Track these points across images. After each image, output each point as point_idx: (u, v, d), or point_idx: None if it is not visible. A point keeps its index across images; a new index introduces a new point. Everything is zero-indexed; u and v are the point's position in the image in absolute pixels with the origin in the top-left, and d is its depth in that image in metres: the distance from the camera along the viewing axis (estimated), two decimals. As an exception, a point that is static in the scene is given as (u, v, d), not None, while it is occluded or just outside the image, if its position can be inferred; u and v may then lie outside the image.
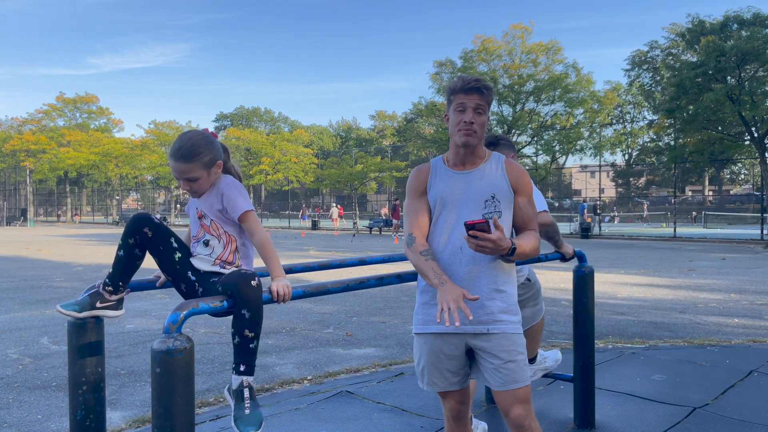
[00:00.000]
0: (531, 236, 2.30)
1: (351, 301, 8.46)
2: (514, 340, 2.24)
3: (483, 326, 2.23)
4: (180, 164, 2.21)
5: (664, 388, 4.21)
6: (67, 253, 17.34)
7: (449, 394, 2.36)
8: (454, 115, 2.28)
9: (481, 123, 2.26)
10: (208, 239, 2.27)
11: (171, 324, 1.82)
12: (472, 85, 2.24)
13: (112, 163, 52.28)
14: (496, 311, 2.23)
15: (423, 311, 2.33)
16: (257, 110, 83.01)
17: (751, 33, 22.97)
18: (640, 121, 53.15)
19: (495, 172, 2.32)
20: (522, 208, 2.33)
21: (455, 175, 2.33)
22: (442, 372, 2.31)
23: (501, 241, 2.08)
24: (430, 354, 2.31)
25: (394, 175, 37.80)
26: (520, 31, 31.34)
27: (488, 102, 2.28)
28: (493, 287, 2.25)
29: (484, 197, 2.28)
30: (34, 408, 4.02)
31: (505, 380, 2.22)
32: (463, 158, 2.33)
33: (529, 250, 2.25)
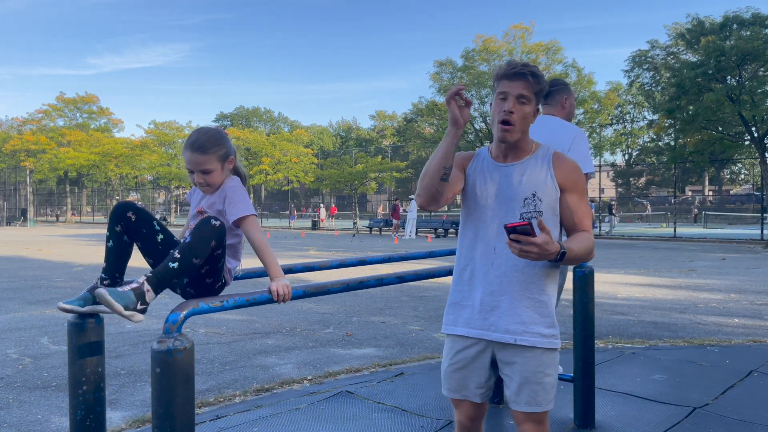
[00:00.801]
0: (584, 237, 2.05)
1: (351, 301, 8.46)
2: (543, 360, 2.02)
3: (510, 336, 2.02)
4: (197, 155, 2.24)
5: (664, 388, 4.21)
6: (67, 253, 17.34)
7: (465, 405, 2.16)
8: (495, 104, 2.06)
9: (523, 114, 2.02)
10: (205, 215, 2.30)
11: (171, 324, 1.82)
12: (517, 71, 2.00)
13: (112, 163, 52.29)
14: (528, 321, 2.01)
15: (453, 311, 2.16)
16: (257, 110, 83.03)
17: (751, 33, 22.97)
18: (640, 121, 53.18)
19: (540, 168, 2.08)
20: (572, 206, 2.07)
21: (495, 168, 2.12)
22: (465, 379, 2.13)
23: (548, 244, 1.83)
24: (455, 358, 2.14)
25: (394, 175, 37.82)
26: (521, 31, 31.39)
27: (535, 91, 2.02)
28: (526, 294, 2.02)
29: (523, 195, 2.05)
30: (34, 408, 4.02)
31: (526, 401, 2.03)
32: (505, 151, 2.12)
33: (582, 253, 2.00)
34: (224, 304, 2.02)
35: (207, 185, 2.29)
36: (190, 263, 2.03)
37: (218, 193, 2.31)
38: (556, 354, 2.07)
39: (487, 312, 2.06)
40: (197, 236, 2.04)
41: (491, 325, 2.05)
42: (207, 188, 2.31)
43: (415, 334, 6.29)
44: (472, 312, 2.09)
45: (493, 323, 2.05)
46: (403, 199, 35.47)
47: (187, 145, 2.27)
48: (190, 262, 2.03)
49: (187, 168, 2.28)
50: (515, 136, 2.05)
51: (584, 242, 2.03)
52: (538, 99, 2.06)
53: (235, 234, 2.34)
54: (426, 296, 8.89)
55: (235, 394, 4.27)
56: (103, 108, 62.38)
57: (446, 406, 3.86)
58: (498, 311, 2.04)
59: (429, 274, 2.89)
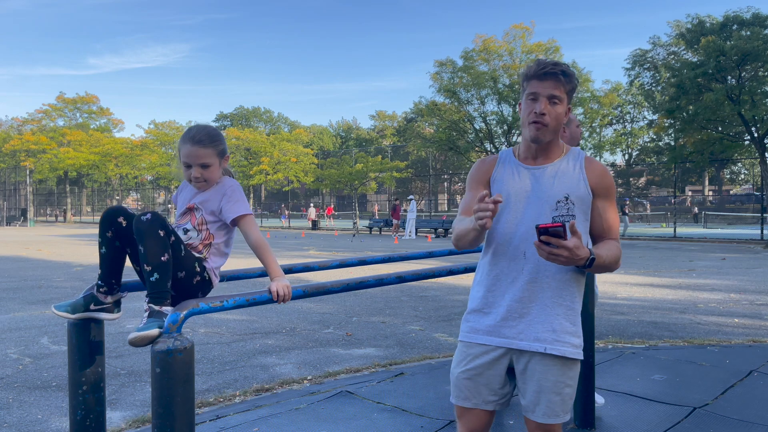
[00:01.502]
0: (612, 246, 1.99)
1: (351, 301, 8.46)
2: (565, 371, 1.95)
3: (540, 344, 1.94)
4: (197, 148, 2.24)
5: (664, 388, 4.21)
6: (67, 253, 17.34)
7: (472, 414, 2.05)
8: (525, 105, 1.99)
9: (555, 115, 1.95)
10: (188, 228, 2.28)
11: (171, 324, 1.83)
12: (548, 70, 1.94)
13: (112, 163, 52.31)
14: (559, 330, 1.94)
15: (473, 318, 2.07)
16: (257, 110, 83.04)
17: (751, 33, 22.98)
18: (640, 121, 53.23)
19: (572, 171, 2.01)
20: (602, 213, 2.02)
21: (525, 170, 2.04)
22: (480, 387, 2.03)
23: (578, 249, 1.77)
24: (469, 366, 2.05)
25: (394, 175, 37.81)
26: (521, 30, 31.37)
27: (567, 91, 1.97)
28: (558, 301, 1.95)
29: (556, 197, 1.97)
30: (34, 408, 4.02)
31: (543, 413, 1.96)
32: (535, 152, 2.04)
33: (610, 261, 1.94)
34: (224, 304, 2.02)
35: (204, 180, 2.28)
36: (163, 263, 2.00)
37: (214, 190, 2.30)
38: (578, 365, 2.02)
39: (515, 319, 1.98)
40: (144, 238, 1.99)
41: (519, 333, 1.97)
42: (203, 184, 2.30)
43: (415, 334, 6.29)
44: (496, 319, 2.01)
45: (522, 331, 1.96)
46: (403, 199, 35.47)
47: (186, 138, 2.26)
48: (162, 262, 2.00)
49: (185, 162, 2.27)
50: (548, 137, 1.99)
51: (612, 250, 1.97)
52: (570, 98, 2.01)
53: (224, 233, 2.32)
54: (426, 296, 8.89)
55: (235, 394, 4.27)
56: (103, 108, 62.42)
57: (446, 406, 3.86)
58: (527, 319, 1.96)
59: (429, 274, 2.89)
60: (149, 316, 1.95)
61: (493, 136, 33.93)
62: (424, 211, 42.63)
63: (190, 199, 2.34)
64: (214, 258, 2.31)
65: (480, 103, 32.93)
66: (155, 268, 1.99)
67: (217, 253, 2.32)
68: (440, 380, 4.45)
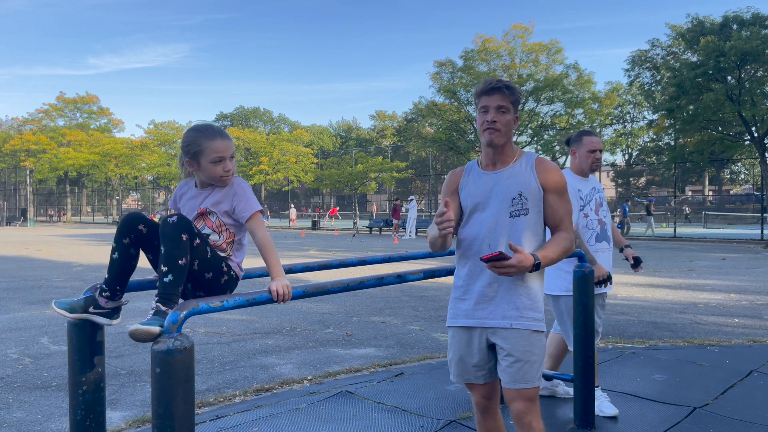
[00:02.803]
0: (559, 239, 2.33)
1: (351, 301, 8.46)
2: (531, 341, 2.27)
3: (507, 321, 2.28)
4: (228, 142, 2.27)
5: (664, 388, 4.21)
6: (67, 253, 17.34)
7: (475, 387, 2.41)
8: (479, 116, 2.35)
9: (504, 122, 2.31)
10: (207, 233, 2.27)
11: (171, 324, 1.82)
12: (492, 86, 2.31)
13: (112, 163, 52.31)
14: (521, 307, 2.28)
15: (454, 305, 2.41)
16: (257, 110, 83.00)
17: (750, 33, 22.97)
18: (640, 121, 53.20)
19: (524, 170, 2.35)
20: (552, 205, 2.35)
21: (486, 176, 2.39)
22: (467, 365, 2.38)
23: (522, 262, 2.13)
24: (456, 347, 2.40)
25: (394, 175, 37.80)
26: (521, 31, 31.36)
27: (512, 101, 2.32)
28: (519, 284, 2.28)
29: (511, 195, 2.31)
30: (34, 408, 4.02)
31: (515, 378, 2.26)
32: (493, 158, 2.39)
33: (558, 255, 2.29)
34: (224, 304, 2.02)
35: (229, 174, 2.27)
36: (180, 266, 2.01)
37: (224, 192, 2.28)
38: (542, 336, 2.32)
39: (486, 302, 2.32)
40: (166, 240, 2.01)
41: (489, 314, 2.31)
42: (228, 179, 2.28)
43: (415, 334, 6.29)
44: (470, 304, 2.35)
45: (491, 311, 2.30)
46: (403, 199, 35.47)
47: (215, 133, 2.26)
48: (178, 265, 2.01)
49: (218, 157, 2.22)
50: (501, 140, 2.33)
51: (560, 244, 2.31)
52: (515, 108, 2.35)
53: (242, 228, 2.32)
54: (426, 296, 8.89)
55: (235, 394, 4.27)
56: (103, 108, 62.40)
57: (446, 406, 3.87)
58: (495, 300, 2.30)
59: (429, 274, 2.89)
60: (154, 314, 1.95)
61: (493, 136, 33.87)
62: (425, 211, 42.62)
63: (200, 203, 2.31)
64: (236, 253, 2.33)
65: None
66: (171, 270, 2.00)
67: (239, 247, 2.34)
68: (440, 380, 4.45)
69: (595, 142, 3.75)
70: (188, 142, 2.26)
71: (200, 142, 2.24)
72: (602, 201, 3.77)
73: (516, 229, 2.30)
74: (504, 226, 2.31)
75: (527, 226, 2.31)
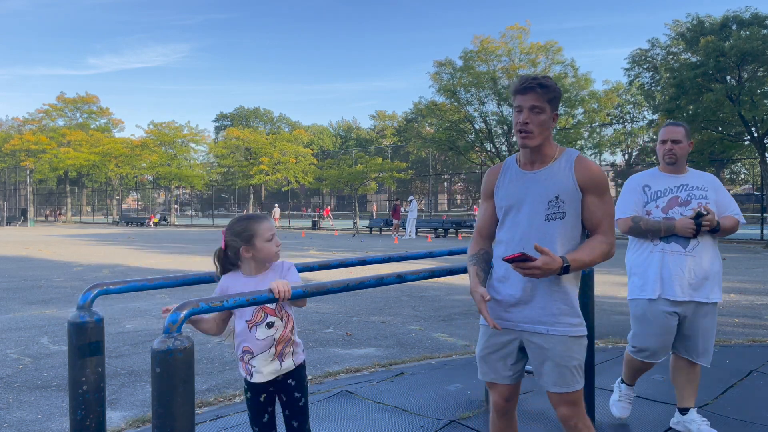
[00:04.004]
0: (595, 243, 2.23)
1: (351, 301, 8.46)
2: (569, 346, 2.23)
3: (543, 326, 2.24)
4: (271, 222, 2.44)
5: (664, 388, 4.21)
6: (67, 253, 17.34)
7: (496, 387, 2.39)
8: (514, 117, 2.28)
9: (539, 122, 2.22)
10: (272, 321, 2.33)
11: (171, 324, 1.82)
12: (526, 85, 2.22)
13: (112, 163, 52.29)
14: (557, 312, 2.22)
15: (491, 306, 2.37)
16: (257, 110, 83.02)
17: (750, 33, 22.97)
18: (640, 121, 53.18)
19: (562, 171, 2.26)
20: (589, 207, 2.25)
21: (523, 176, 2.32)
22: (495, 364, 2.36)
23: (548, 264, 2.08)
24: (486, 345, 2.38)
25: (394, 175, 37.80)
26: (518, 31, 31.36)
27: (548, 99, 2.23)
28: (555, 288, 2.23)
29: (548, 198, 2.24)
30: (34, 408, 4.02)
31: (554, 382, 2.24)
32: (530, 157, 2.31)
33: (591, 260, 2.20)
34: (224, 304, 2.02)
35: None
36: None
37: (277, 272, 2.40)
38: (583, 340, 2.27)
39: (522, 306, 2.28)
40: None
41: (525, 317, 2.27)
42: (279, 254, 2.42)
43: (415, 334, 6.29)
44: (506, 307, 2.31)
45: (527, 315, 2.26)
46: (403, 200, 35.46)
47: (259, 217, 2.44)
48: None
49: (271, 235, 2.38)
50: (535, 142, 2.25)
51: (596, 248, 2.21)
52: (552, 106, 2.26)
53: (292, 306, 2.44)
54: (426, 296, 8.89)
55: (235, 394, 4.27)
56: (103, 108, 62.46)
57: (446, 406, 3.86)
58: (531, 305, 2.25)
59: (429, 274, 2.89)
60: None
61: (493, 136, 33.93)
62: (425, 212, 42.62)
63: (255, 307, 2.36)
64: (295, 334, 2.44)
65: (479, 104, 32.93)
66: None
67: (295, 328, 2.44)
68: (440, 380, 4.45)
69: (665, 131, 3.37)
70: (240, 230, 2.37)
71: (252, 227, 2.37)
72: (690, 198, 3.24)
73: (550, 232, 2.23)
74: (538, 229, 2.24)
75: (563, 230, 2.24)
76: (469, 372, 4.65)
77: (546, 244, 2.20)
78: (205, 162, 53.73)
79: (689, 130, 3.41)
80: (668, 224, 3.17)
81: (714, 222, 3.14)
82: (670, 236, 3.20)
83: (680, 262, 3.17)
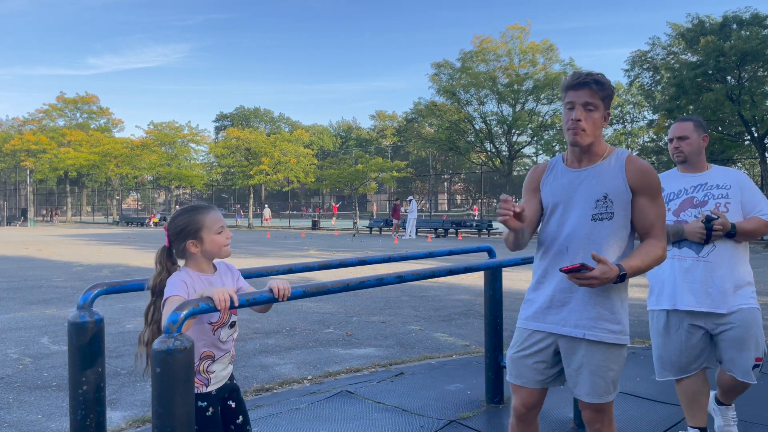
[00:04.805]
0: (651, 247, 2.13)
1: (351, 301, 8.46)
2: (608, 356, 2.13)
3: (579, 330, 2.14)
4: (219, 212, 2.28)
5: (664, 388, 4.20)
6: (67, 253, 17.34)
7: (519, 392, 2.27)
8: (565, 113, 2.19)
9: (592, 120, 2.13)
10: (235, 320, 2.26)
11: (171, 324, 1.82)
12: (581, 80, 2.13)
13: (112, 163, 52.28)
14: (596, 317, 2.12)
15: (526, 306, 2.31)
16: (257, 110, 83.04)
17: (750, 33, 22.98)
18: (640, 121, 53.14)
19: (612, 170, 2.17)
20: (642, 210, 2.15)
21: (570, 173, 2.24)
22: (525, 366, 2.25)
23: (605, 274, 1.98)
24: (519, 347, 2.28)
25: (394, 175, 37.80)
26: (518, 31, 31.37)
27: (602, 97, 2.14)
28: (596, 291, 2.12)
29: (595, 197, 2.15)
30: (34, 408, 4.02)
31: (589, 393, 2.15)
32: (579, 156, 2.23)
33: (646, 265, 2.10)
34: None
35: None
36: None
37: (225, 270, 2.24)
38: (622, 350, 2.17)
39: (558, 307, 2.19)
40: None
41: (561, 320, 2.18)
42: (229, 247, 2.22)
43: (415, 334, 6.29)
44: (543, 307, 2.23)
45: (564, 318, 2.17)
46: (403, 200, 35.46)
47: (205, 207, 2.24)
48: None
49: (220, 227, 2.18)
50: (587, 140, 2.16)
51: (650, 253, 2.12)
52: (606, 104, 2.16)
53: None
54: (426, 296, 8.89)
55: (235, 394, 4.26)
56: (103, 108, 62.51)
57: (446, 406, 3.86)
58: (568, 307, 2.16)
59: (429, 274, 2.89)
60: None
61: (493, 136, 33.93)
62: (425, 211, 42.62)
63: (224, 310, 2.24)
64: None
65: (479, 104, 32.92)
66: None
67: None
68: (440, 380, 4.45)
69: (672, 128, 3.18)
70: (185, 223, 2.17)
71: (197, 218, 2.18)
72: (708, 199, 3.00)
73: (598, 233, 2.13)
74: (585, 229, 2.15)
75: (611, 231, 2.13)
76: (469, 372, 4.65)
77: (592, 245, 2.13)
78: (205, 162, 53.73)
79: (701, 123, 3.12)
80: (676, 228, 2.92)
81: (727, 225, 2.84)
82: (682, 241, 2.94)
83: (693, 269, 2.89)
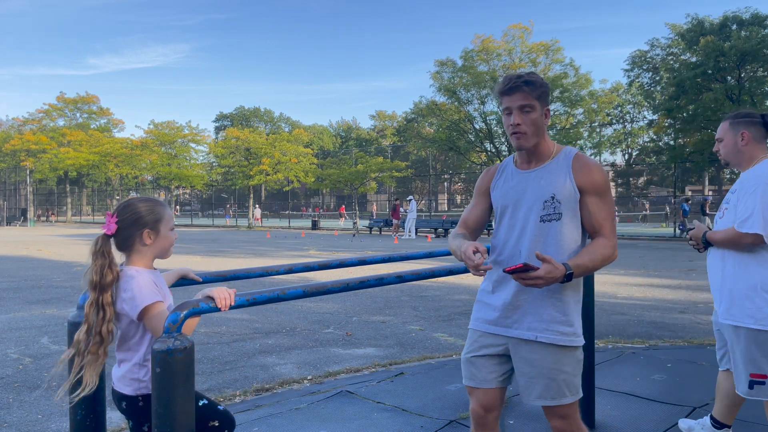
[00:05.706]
0: (597, 247, 2.09)
1: (351, 301, 8.46)
2: (560, 357, 2.09)
3: (532, 333, 2.11)
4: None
5: (664, 388, 4.21)
6: (67, 253, 17.34)
7: (475, 393, 2.24)
8: (504, 119, 2.19)
9: (530, 121, 2.12)
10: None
11: (171, 324, 1.82)
12: (512, 85, 2.12)
13: (112, 163, 52.26)
14: (548, 319, 2.10)
15: (478, 308, 2.30)
16: (257, 110, 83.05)
17: (749, 33, 22.99)
18: (640, 121, 53.18)
19: (559, 170, 2.15)
20: (590, 209, 2.12)
21: (519, 175, 2.23)
22: (477, 366, 2.22)
23: (551, 273, 1.95)
24: (471, 348, 2.27)
25: (394, 175, 37.79)
26: (520, 30, 31.37)
27: (537, 96, 2.12)
28: (548, 294, 2.10)
29: (543, 198, 2.13)
30: (34, 408, 4.02)
31: (540, 395, 2.11)
32: (527, 158, 2.23)
33: (594, 264, 2.06)
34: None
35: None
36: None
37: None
38: (575, 352, 2.13)
39: (511, 310, 2.16)
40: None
41: (514, 323, 2.16)
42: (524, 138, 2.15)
43: (415, 334, 6.29)
44: (496, 310, 2.21)
45: (517, 320, 2.15)
46: (403, 200, 35.46)
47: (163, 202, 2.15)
48: None
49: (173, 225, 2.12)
50: (530, 141, 2.16)
51: (598, 252, 2.08)
52: (542, 102, 2.15)
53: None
54: (426, 296, 8.89)
55: (235, 394, 4.27)
56: (103, 108, 62.47)
57: (446, 406, 3.86)
58: (521, 309, 2.14)
59: (429, 274, 2.89)
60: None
61: (494, 136, 33.92)
62: (424, 211, 42.62)
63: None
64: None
65: (480, 103, 32.92)
66: None
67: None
68: (440, 380, 4.45)
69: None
70: (146, 211, 2.06)
71: (158, 209, 2.08)
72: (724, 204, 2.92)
73: (547, 234, 2.12)
74: (534, 231, 2.13)
75: (560, 232, 2.11)
76: (469, 372, 4.65)
77: (542, 246, 2.11)
78: (205, 162, 53.72)
79: (739, 120, 2.83)
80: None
81: (696, 236, 2.88)
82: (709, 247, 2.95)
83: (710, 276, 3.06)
